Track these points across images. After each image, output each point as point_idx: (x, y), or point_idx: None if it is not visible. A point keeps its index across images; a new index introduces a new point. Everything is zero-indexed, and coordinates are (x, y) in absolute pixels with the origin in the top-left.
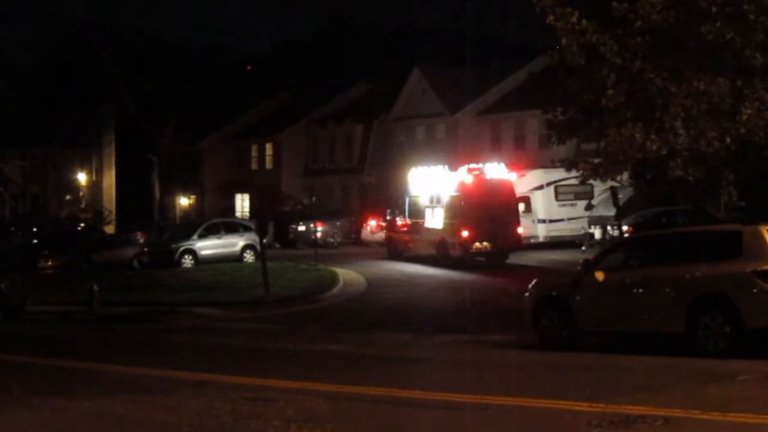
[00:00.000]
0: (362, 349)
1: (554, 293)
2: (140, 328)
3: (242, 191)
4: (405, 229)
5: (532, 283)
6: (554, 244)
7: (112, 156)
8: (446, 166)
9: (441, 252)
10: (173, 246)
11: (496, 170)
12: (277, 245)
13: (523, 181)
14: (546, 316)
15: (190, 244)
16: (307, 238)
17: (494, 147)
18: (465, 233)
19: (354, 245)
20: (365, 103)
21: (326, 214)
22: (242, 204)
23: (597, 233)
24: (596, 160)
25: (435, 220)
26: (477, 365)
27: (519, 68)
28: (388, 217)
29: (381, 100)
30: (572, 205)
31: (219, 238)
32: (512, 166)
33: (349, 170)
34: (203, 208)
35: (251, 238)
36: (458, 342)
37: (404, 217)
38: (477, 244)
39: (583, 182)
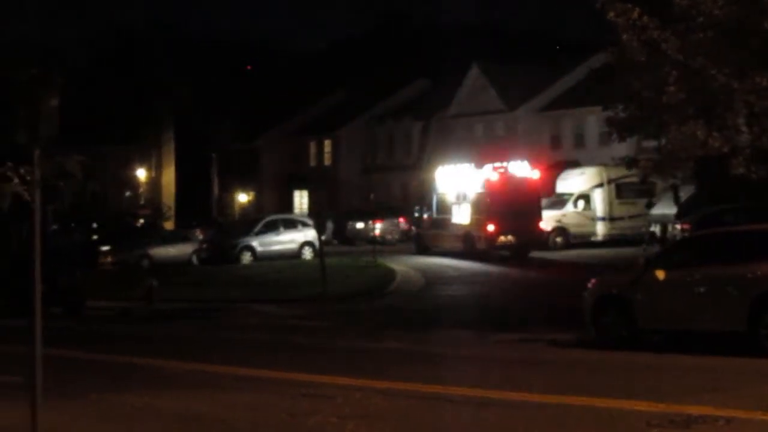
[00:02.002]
0: (420, 347)
1: (614, 291)
2: (198, 325)
3: (300, 188)
4: (432, 224)
5: (592, 281)
6: (614, 242)
7: (171, 152)
8: (472, 165)
9: (467, 246)
10: (232, 242)
11: (520, 168)
12: (335, 242)
13: (583, 179)
14: (605, 314)
15: (249, 241)
16: (366, 236)
17: (554, 144)
18: (490, 227)
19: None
20: (423, 99)
21: (385, 211)
22: (300, 200)
23: (658, 231)
24: (657, 158)
25: (462, 215)
26: (536, 363)
27: (578, 65)
28: (416, 214)
29: (439, 96)
30: (633, 203)
31: (277, 234)
32: (535, 164)
33: (407, 167)
34: (261, 205)
35: (310, 234)
36: (517, 340)
37: (432, 213)
38: (502, 238)
39: (643, 180)
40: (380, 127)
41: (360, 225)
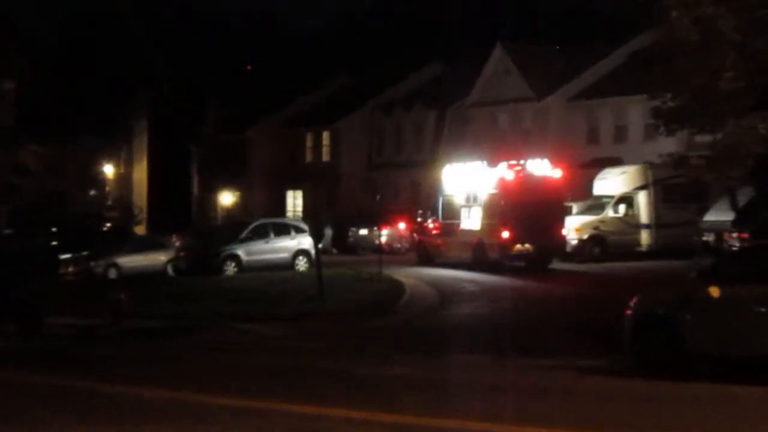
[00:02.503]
0: (434, 373)
1: (659, 311)
2: (173, 345)
3: (295, 187)
4: (437, 231)
5: (634, 299)
6: (661, 253)
7: (144, 145)
8: (485, 162)
9: (477, 255)
10: (214, 250)
11: (540, 166)
12: (335, 251)
13: (625, 179)
14: (648, 336)
15: (234, 249)
16: (370, 244)
17: (590, 138)
18: (505, 234)
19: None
20: (438, 86)
21: (392, 214)
22: (294, 202)
23: (711, 241)
24: (711, 155)
25: (471, 220)
26: (568, 394)
27: (619, 47)
28: (418, 219)
29: (457, 83)
30: (682, 208)
31: (267, 241)
32: (560, 161)
33: (419, 163)
34: (249, 207)
35: (305, 242)
36: (544, 366)
37: (437, 218)
38: (518, 246)
39: (695, 181)
40: (388, 117)
41: (363, 231)
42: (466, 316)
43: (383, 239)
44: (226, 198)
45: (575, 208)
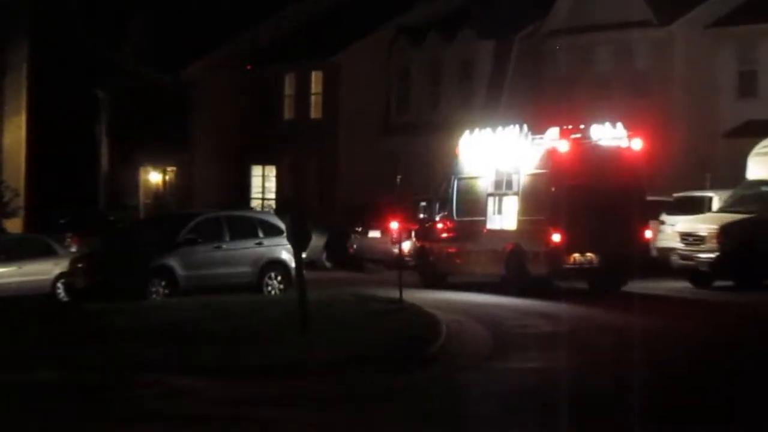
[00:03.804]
0: None
1: None
2: (64, 413)
3: (265, 161)
4: (450, 234)
5: None
6: None
7: (23, 95)
8: (524, 128)
9: (512, 270)
10: (135, 260)
11: (609, 134)
12: (329, 265)
13: None
14: None
15: (166, 258)
16: (383, 254)
17: (742, 89)
18: (556, 237)
19: None
20: (496, 6)
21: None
22: (264, 185)
23: None
24: None
25: (503, 217)
26: None
27: None
28: (420, 216)
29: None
30: None
31: (219, 247)
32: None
33: (463, 123)
34: (191, 190)
35: (279, 248)
36: None
37: (449, 214)
38: (576, 256)
39: None
40: (416, 50)
41: (375, 234)
42: (545, 374)
43: (406, 247)
44: (154, 176)
45: (715, 200)
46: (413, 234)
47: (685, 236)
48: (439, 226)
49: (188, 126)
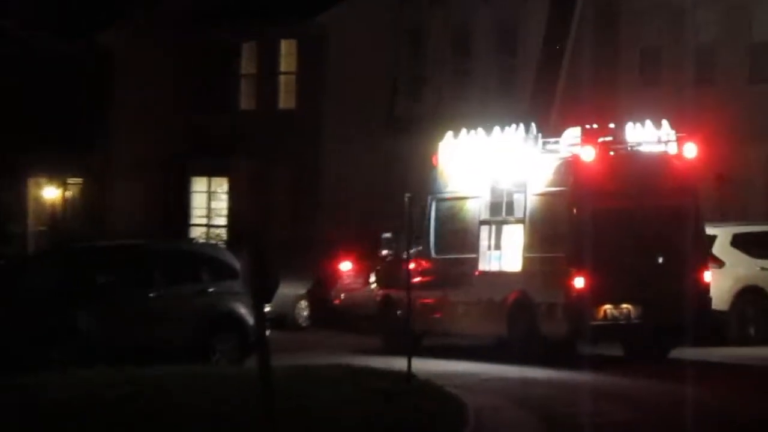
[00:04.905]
0: None
1: None
2: None
3: (212, 171)
4: (427, 278)
5: None
6: None
7: None
8: (532, 127)
9: (517, 328)
10: (24, 315)
11: (649, 136)
12: (306, 323)
13: None
14: None
15: (70, 312)
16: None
17: None
18: (579, 282)
19: None
20: None
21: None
22: (209, 202)
23: None
24: None
25: (503, 253)
26: None
27: None
28: (383, 252)
29: None
30: None
31: (146, 295)
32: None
33: (500, 116)
34: (106, 211)
35: (233, 297)
36: None
37: (425, 250)
38: (608, 309)
39: None
40: (433, 8)
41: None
42: None
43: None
44: (49, 192)
45: None
46: (373, 278)
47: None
48: (411, 266)
49: (101, 118)
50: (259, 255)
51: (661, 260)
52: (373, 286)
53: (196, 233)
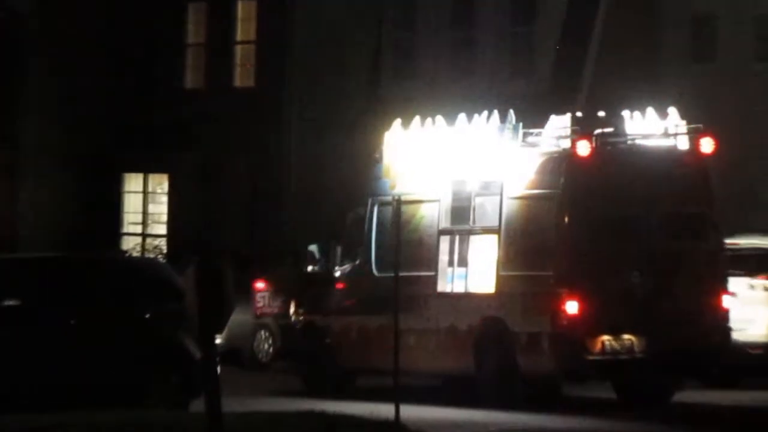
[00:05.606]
0: None
1: None
2: None
3: (147, 165)
4: (366, 300)
5: None
6: None
7: None
8: (509, 116)
9: (489, 361)
10: None
11: (654, 128)
12: (268, 356)
13: None
14: None
15: None
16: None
17: None
18: (572, 307)
19: None
20: None
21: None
22: (145, 205)
23: None
24: None
25: (470, 270)
26: None
27: None
28: (308, 269)
29: None
30: None
31: (65, 322)
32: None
33: (514, 97)
34: (13, 216)
35: (175, 323)
36: None
37: (365, 265)
38: (607, 340)
39: None
40: None
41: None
42: None
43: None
44: None
45: None
46: (295, 302)
47: None
48: (346, 286)
49: (9, 99)
50: (208, 272)
51: (670, 281)
52: (292, 310)
53: (129, 244)
